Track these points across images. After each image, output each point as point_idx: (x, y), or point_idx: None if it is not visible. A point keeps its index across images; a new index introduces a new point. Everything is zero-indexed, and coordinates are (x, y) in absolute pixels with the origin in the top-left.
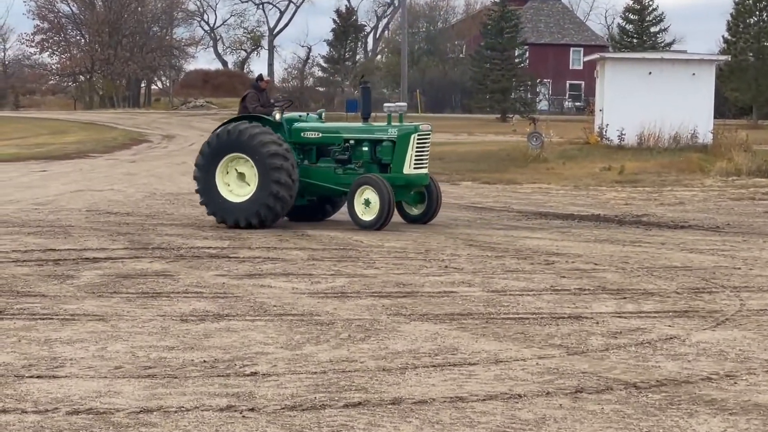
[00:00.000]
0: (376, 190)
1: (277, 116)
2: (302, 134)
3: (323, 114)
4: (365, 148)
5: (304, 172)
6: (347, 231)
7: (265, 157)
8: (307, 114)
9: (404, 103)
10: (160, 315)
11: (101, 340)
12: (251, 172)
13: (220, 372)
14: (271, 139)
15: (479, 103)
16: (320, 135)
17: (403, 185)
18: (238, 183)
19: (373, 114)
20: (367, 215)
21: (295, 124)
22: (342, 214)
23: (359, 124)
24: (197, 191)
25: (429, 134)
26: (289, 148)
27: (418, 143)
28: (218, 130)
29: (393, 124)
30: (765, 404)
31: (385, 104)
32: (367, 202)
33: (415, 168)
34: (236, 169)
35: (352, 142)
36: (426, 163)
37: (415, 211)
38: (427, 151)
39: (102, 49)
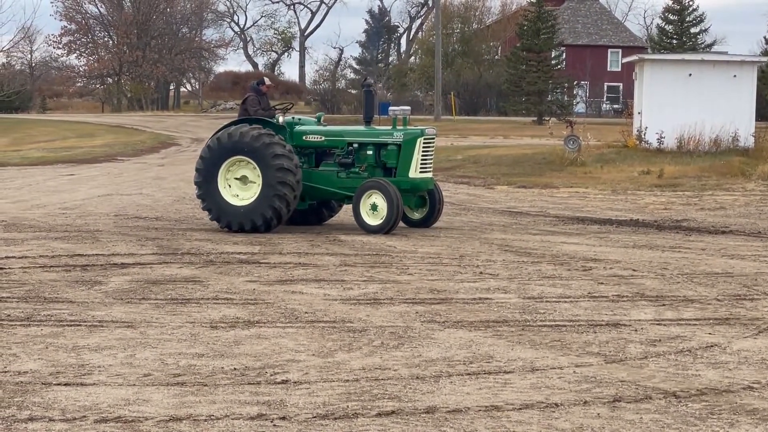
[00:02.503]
0: (384, 195)
1: (280, 119)
2: (304, 137)
3: (322, 117)
4: (369, 152)
5: (306, 176)
6: (380, 236)
7: (268, 160)
8: (300, 119)
9: (408, 107)
10: (190, 322)
11: (130, 347)
12: (254, 175)
13: (250, 380)
14: (275, 140)
15: (515, 106)
16: (323, 138)
17: (409, 189)
18: (240, 186)
19: (375, 117)
20: (374, 220)
21: (297, 127)
22: (341, 217)
23: (363, 128)
24: (198, 196)
25: (434, 138)
26: (292, 150)
27: (423, 147)
28: (219, 134)
29: (398, 127)
30: None
31: (390, 107)
32: (374, 207)
33: (420, 172)
34: (238, 173)
35: (355, 145)
36: (431, 167)
37: (416, 215)
38: (432, 154)
39: (130, 50)
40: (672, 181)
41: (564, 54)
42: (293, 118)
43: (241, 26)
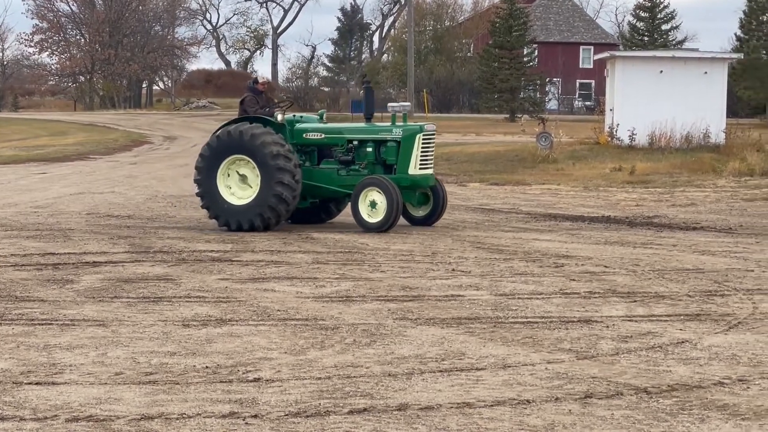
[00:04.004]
0: (383, 192)
1: (279, 117)
2: (304, 135)
3: (324, 115)
4: (369, 149)
5: (307, 174)
6: (352, 234)
7: (267, 159)
8: (301, 116)
9: (408, 103)
10: (162, 320)
11: (101, 346)
12: (253, 174)
13: (222, 378)
14: (274, 139)
15: (487, 103)
16: (323, 136)
17: (408, 186)
18: (239, 185)
19: (377, 114)
20: (374, 217)
21: (297, 125)
22: (341, 215)
23: (363, 125)
24: (198, 194)
25: (434, 134)
26: (291, 149)
27: (423, 143)
28: (218, 132)
29: (397, 124)
30: None
31: (389, 104)
32: (373, 204)
33: (420, 169)
34: (238, 171)
35: (355, 142)
36: (431, 164)
37: (420, 212)
38: (432, 151)
39: (102, 48)
40: (643, 178)
41: (536, 51)
42: (294, 116)
43: (214, 24)
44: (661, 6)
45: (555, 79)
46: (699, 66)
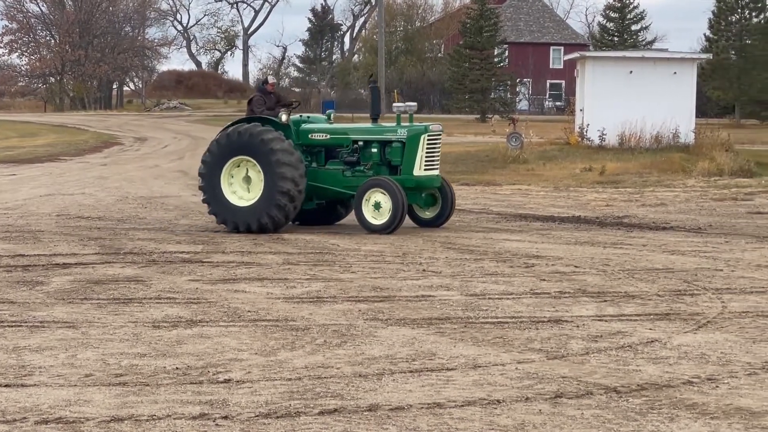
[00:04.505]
0: (388, 193)
1: (284, 117)
2: (310, 136)
3: (332, 115)
4: (374, 150)
5: (312, 175)
6: (323, 235)
7: (271, 160)
8: (308, 116)
9: (414, 104)
10: (132, 321)
11: (71, 348)
12: (257, 175)
13: (192, 379)
14: (278, 140)
15: (458, 104)
16: (328, 136)
17: (414, 187)
18: (243, 186)
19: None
20: (378, 219)
21: (303, 125)
22: (354, 216)
23: (368, 125)
24: (201, 190)
25: (440, 134)
26: (296, 149)
27: (428, 144)
28: (228, 130)
29: (402, 124)
30: (746, 408)
31: (394, 104)
32: (377, 205)
33: (425, 169)
34: (242, 172)
35: (360, 143)
36: (437, 165)
37: (427, 214)
38: (438, 152)
39: (72, 49)
40: (613, 178)
41: (507, 51)
42: (301, 116)
43: (184, 25)
44: (631, 7)
45: (525, 80)
46: (668, 66)
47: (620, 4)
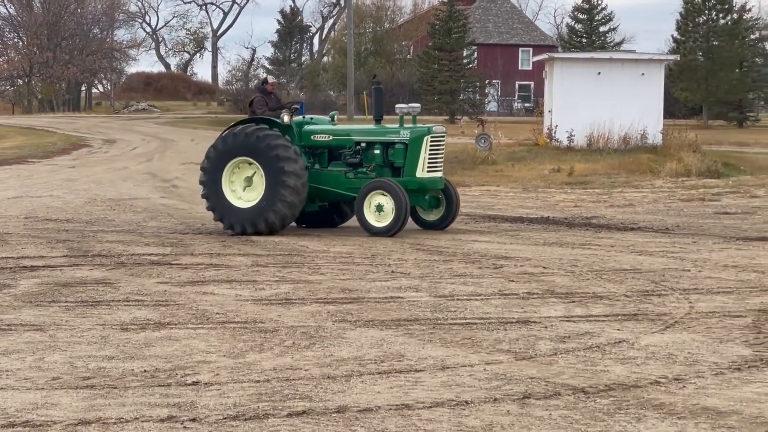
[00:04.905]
0: (390, 195)
1: (286, 118)
2: (312, 137)
3: (335, 116)
4: (377, 151)
5: (314, 177)
6: (292, 236)
7: (272, 161)
8: (311, 117)
9: (417, 105)
10: (100, 324)
11: (38, 351)
12: (258, 177)
13: (160, 382)
14: (280, 142)
15: (427, 105)
16: (331, 138)
17: (417, 189)
18: (245, 188)
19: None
20: (381, 221)
21: (305, 126)
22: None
23: (371, 126)
24: (203, 196)
25: (443, 136)
26: (298, 151)
27: (431, 145)
28: (225, 133)
29: (405, 126)
30: (713, 407)
31: (397, 105)
32: (379, 208)
33: (428, 171)
34: (243, 174)
35: (363, 145)
36: (440, 167)
37: (431, 216)
38: (441, 153)
39: (40, 51)
40: (582, 179)
41: (476, 53)
42: (304, 117)
43: (153, 27)
44: (599, 8)
45: (494, 81)
46: (636, 67)
47: (588, 5)
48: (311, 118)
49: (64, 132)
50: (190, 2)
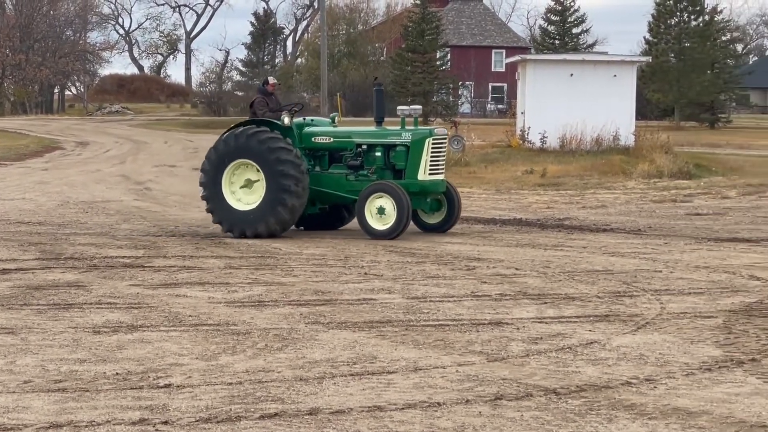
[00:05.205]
0: (392, 197)
1: (286, 120)
2: (313, 139)
3: (336, 118)
4: (378, 154)
5: (315, 179)
6: (265, 239)
7: (273, 164)
8: (312, 119)
9: (419, 107)
10: (72, 327)
11: (10, 354)
12: (259, 179)
13: (133, 384)
14: (280, 144)
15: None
16: (331, 140)
17: (418, 192)
18: (245, 190)
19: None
20: (382, 224)
21: (306, 128)
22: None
23: (372, 128)
24: (203, 197)
25: (445, 138)
26: (299, 153)
27: (433, 148)
28: (225, 135)
29: (407, 128)
30: (684, 408)
31: (399, 107)
32: (381, 210)
33: (430, 174)
34: (243, 176)
35: (364, 147)
36: (442, 169)
37: (433, 219)
38: (443, 156)
39: (13, 54)
40: (555, 180)
41: (449, 55)
42: (305, 119)
43: (126, 29)
44: (572, 10)
45: (468, 83)
46: (608, 69)
47: (561, 7)
48: (312, 120)
49: (37, 134)
50: (163, 4)
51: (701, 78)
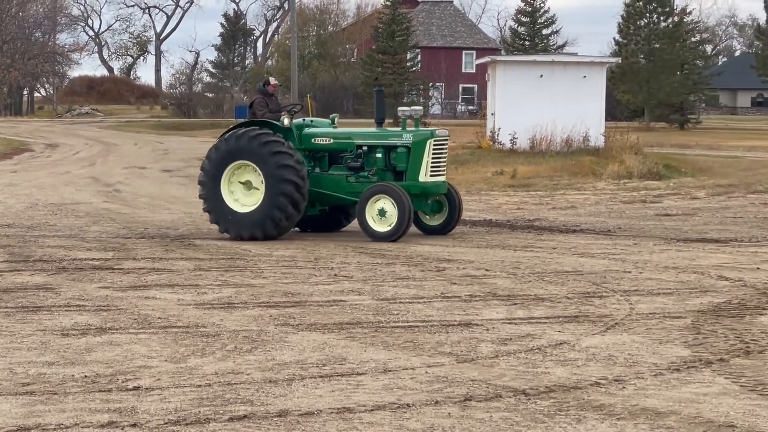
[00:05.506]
0: (393, 199)
1: (286, 121)
2: (313, 140)
3: (336, 119)
4: (379, 155)
5: (315, 181)
6: (235, 240)
7: (272, 165)
8: (312, 120)
9: (420, 108)
10: (41, 329)
11: None
12: (258, 181)
13: (101, 387)
14: (279, 144)
15: (371, 108)
16: (332, 141)
17: (419, 194)
18: (244, 192)
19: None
20: (383, 226)
21: (306, 129)
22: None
23: (373, 129)
24: (201, 197)
25: (446, 139)
26: (300, 159)
27: (434, 149)
28: (225, 136)
29: (408, 129)
30: (652, 408)
31: (400, 108)
32: (382, 212)
33: (431, 175)
34: (243, 177)
35: (365, 148)
36: (443, 171)
37: (434, 221)
38: (445, 157)
39: None
40: (525, 181)
41: (419, 56)
42: (304, 120)
43: (96, 30)
44: (542, 11)
45: (438, 84)
46: (578, 70)
47: (531, 8)
48: (311, 121)
49: (6, 136)
50: (133, 6)
51: (671, 79)
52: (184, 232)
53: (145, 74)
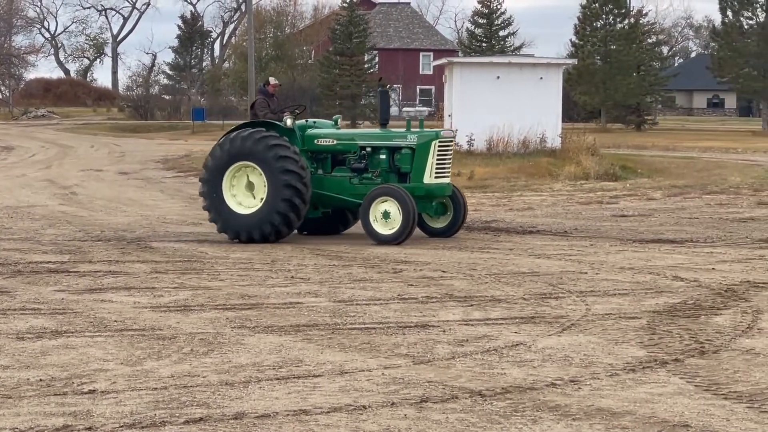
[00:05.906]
0: (397, 202)
1: (288, 122)
2: (315, 141)
3: (339, 120)
4: (383, 156)
5: (317, 183)
6: (192, 242)
7: (275, 166)
8: (314, 121)
9: (425, 108)
10: None
11: None
12: (260, 182)
13: (56, 390)
14: (281, 145)
15: (328, 110)
16: (335, 142)
17: (424, 196)
18: (246, 193)
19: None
20: (387, 228)
21: (308, 130)
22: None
23: (377, 131)
24: (201, 194)
25: (452, 140)
26: (304, 164)
27: (439, 150)
28: (230, 136)
29: (412, 130)
30: (608, 409)
31: (404, 108)
32: (386, 215)
33: (436, 177)
34: (244, 179)
35: (368, 149)
36: (448, 172)
37: (438, 224)
38: (450, 159)
39: None
40: (482, 183)
41: (377, 58)
42: (307, 121)
43: (52, 32)
44: (498, 12)
45: (396, 86)
46: (534, 71)
47: (488, 10)
48: (314, 122)
49: None
50: (89, 8)
51: (627, 80)
52: (140, 234)
53: (101, 76)
